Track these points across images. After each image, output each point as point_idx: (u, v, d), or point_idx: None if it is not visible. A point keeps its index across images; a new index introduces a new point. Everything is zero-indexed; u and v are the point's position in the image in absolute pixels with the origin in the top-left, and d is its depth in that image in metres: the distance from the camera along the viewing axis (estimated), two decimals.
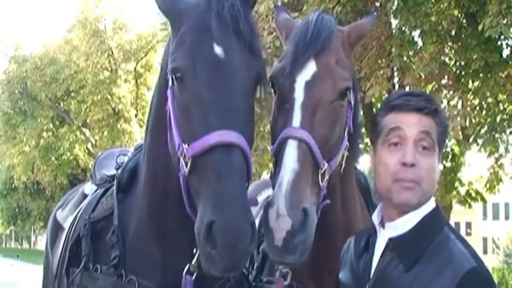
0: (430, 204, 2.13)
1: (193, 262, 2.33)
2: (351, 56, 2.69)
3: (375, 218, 2.24)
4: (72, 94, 33.42)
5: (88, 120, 34.13)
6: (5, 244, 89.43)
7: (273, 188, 2.22)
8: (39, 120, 34.37)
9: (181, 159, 2.11)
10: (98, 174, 3.46)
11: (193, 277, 2.34)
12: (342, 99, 2.44)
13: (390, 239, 2.12)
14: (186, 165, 2.08)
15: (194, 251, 2.31)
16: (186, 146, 2.09)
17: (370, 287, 2.12)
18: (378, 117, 2.21)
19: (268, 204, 2.17)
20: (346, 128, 2.50)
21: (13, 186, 41.01)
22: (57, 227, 3.61)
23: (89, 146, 35.11)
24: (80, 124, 34.93)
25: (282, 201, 2.11)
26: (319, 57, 2.43)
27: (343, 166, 2.49)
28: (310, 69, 2.42)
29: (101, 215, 2.80)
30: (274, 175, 2.29)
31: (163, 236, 2.49)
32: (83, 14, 32.25)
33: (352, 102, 2.54)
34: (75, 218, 3.11)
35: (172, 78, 2.21)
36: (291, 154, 2.23)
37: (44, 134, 35.46)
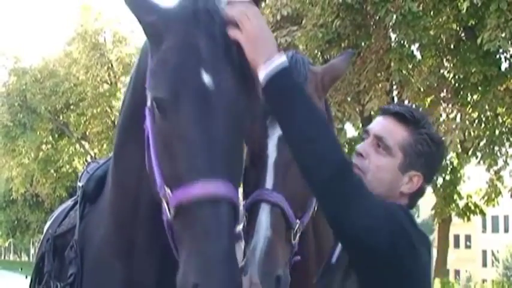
0: None
1: None
2: (323, 99, 2.51)
3: None
4: (72, 107, 33.38)
5: (87, 133, 34.13)
6: (4, 257, 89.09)
7: (245, 252, 2.18)
8: (38, 133, 34.33)
9: (164, 203, 1.82)
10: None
11: None
12: None
13: None
14: (169, 211, 1.79)
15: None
16: (169, 191, 1.78)
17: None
18: None
19: (241, 270, 2.09)
20: None
21: (12, 198, 40.97)
22: None
23: (88, 158, 35.03)
24: (79, 137, 34.91)
25: (255, 270, 2.07)
26: None
27: (316, 208, 2.40)
28: None
29: (66, 228, 2.62)
30: (248, 235, 2.22)
31: (129, 253, 2.26)
32: (82, 27, 32.28)
33: None
34: (44, 233, 2.95)
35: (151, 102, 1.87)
36: (264, 220, 2.16)
37: (43, 146, 35.43)
